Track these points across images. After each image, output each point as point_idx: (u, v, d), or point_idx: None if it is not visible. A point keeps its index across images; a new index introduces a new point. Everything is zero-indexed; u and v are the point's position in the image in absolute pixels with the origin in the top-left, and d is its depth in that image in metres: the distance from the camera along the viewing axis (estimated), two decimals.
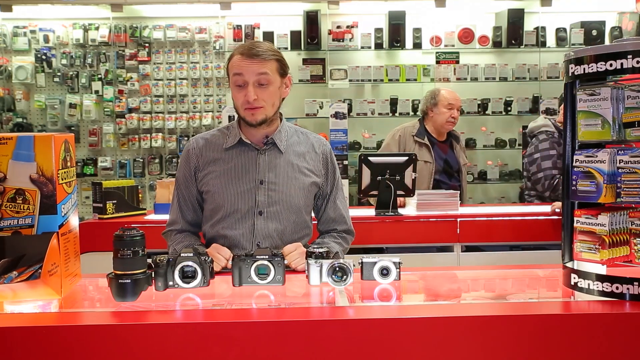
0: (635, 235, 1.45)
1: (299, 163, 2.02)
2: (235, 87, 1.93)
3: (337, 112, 4.36)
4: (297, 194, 1.99)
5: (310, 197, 2.05)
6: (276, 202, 1.97)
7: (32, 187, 1.47)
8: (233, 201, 1.96)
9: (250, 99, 1.89)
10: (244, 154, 2.00)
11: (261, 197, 1.96)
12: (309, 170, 2.04)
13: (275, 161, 1.99)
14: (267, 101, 1.92)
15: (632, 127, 1.41)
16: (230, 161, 1.99)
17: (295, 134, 2.08)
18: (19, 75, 5.43)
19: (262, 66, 1.89)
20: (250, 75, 1.89)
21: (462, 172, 3.87)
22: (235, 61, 1.91)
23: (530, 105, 5.43)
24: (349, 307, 1.44)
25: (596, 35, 5.39)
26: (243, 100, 1.91)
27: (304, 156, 2.04)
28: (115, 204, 3.23)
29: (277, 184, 1.98)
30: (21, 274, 1.45)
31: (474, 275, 1.94)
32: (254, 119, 1.93)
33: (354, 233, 2.18)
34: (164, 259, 1.55)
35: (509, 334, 1.31)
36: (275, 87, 1.94)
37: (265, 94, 1.92)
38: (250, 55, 1.89)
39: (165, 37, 5.44)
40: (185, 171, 2.04)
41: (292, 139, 2.05)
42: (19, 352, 1.26)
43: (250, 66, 1.89)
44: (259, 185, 1.97)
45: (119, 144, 5.52)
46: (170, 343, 1.27)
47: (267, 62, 1.90)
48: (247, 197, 1.96)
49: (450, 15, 5.39)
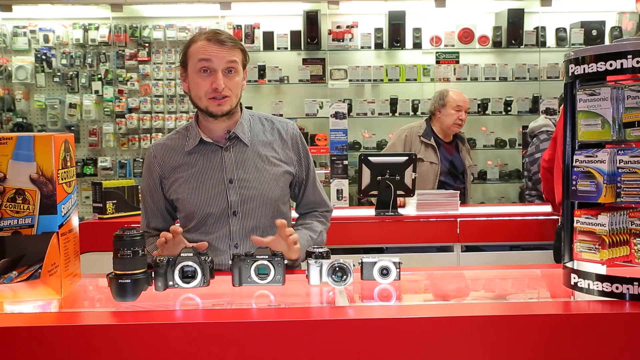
0: (635, 235, 1.45)
1: (267, 153, 1.92)
2: (198, 74, 1.80)
3: (337, 112, 4.37)
4: (271, 187, 1.90)
5: (285, 187, 1.95)
6: (249, 199, 1.88)
7: (32, 187, 1.47)
8: (204, 205, 1.87)
9: (220, 87, 1.77)
10: (207, 154, 1.89)
11: (233, 197, 1.87)
12: (279, 159, 1.93)
13: (241, 156, 1.89)
14: (232, 91, 1.82)
15: (632, 127, 1.41)
16: (194, 164, 1.89)
17: (259, 121, 1.97)
18: (19, 75, 5.44)
19: (232, 54, 1.80)
20: (219, 61, 1.78)
21: (467, 174, 3.87)
22: (201, 46, 1.79)
23: (530, 105, 5.43)
24: (349, 307, 1.44)
25: (596, 35, 5.39)
26: (209, 89, 1.79)
27: (271, 145, 1.93)
28: (115, 204, 3.23)
29: (247, 180, 1.88)
30: (21, 274, 1.45)
31: (474, 275, 1.94)
32: (219, 110, 1.82)
33: (332, 210, 2.12)
34: (164, 259, 1.55)
35: (509, 334, 1.30)
36: (240, 77, 1.84)
37: (232, 83, 1.81)
38: (219, 41, 1.78)
39: (165, 37, 5.45)
40: (149, 181, 1.94)
41: (256, 129, 1.94)
42: (19, 352, 1.26)
43: (220, 52, 1.78)
44: (228, 185, 1.87)
45: (119, 144, 5.52)
46: (170, 343, 1.27)
47: (234, 50, 1.81)
48: (218, 199, 1.87)
49: (450, 15, 5.39)
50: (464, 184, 3.84)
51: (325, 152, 5.01)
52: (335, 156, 4.68)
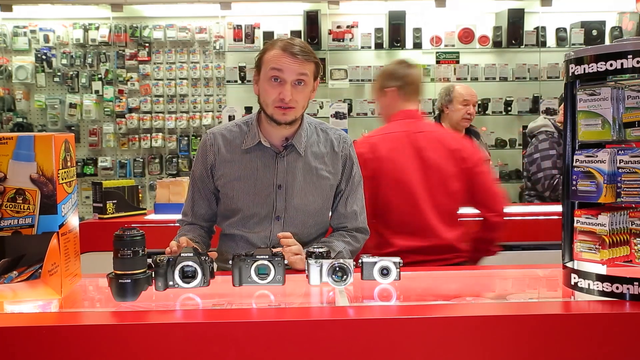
0: (636, 235, 1.45)
1: (318, 165, 1.97)
2: (268, 82, 1.85)
3: (337, 112, 4.36)
4: (316, 199, 1.96)
5: (329, 199, 2.01)
6: (294, 207, 1.94)
7: (32, 187, 1.47)
8: (251, 205, 1.93)
9: (287, 98, 1.83)
10: (262, 157, 1.94)
11: (279, 202, 1.93)
12: (328, 171, 1.99)
13: (293, 164, 1.94)
14: (299, 102, 1.87)
15: (632, 127, 1.41)
16: (248, 164, 1.94)
17: (315, 132, 2.01)
18: (19, 75, 5.44)
19: (303, 67, 1.84)
20: (290, 73, 1.83)
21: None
22: (275, 55, 1.84)
23: (530, 105, 5.43)
24: (349, 307, 1.44)
25: (596, 35, 5.39)
26: (276, 97, 1.84)
27: (323, 157, 1.99)
28: (115, 204, 3.23)
29: (295, 188, 1.94)
30: (21, 274, 1.45)
31: (474, 275, 1.94)
32: (284, 119, 1.87)
33: (367, 231, 2.09)
34: (164, 259, 1.55)
35: (509, 334, 1.30)
36: (309, 90, 1.90)
37: (300, 95, 1.86)
38: (293, 53, 1.83)
39: (165, 37, 5.45)
40: (202, 166, 1.99)
41: (312, 139, 1.99)
42: (19, 352, 1.26)
43: (293, 65, 1.83)
44: (277, 190, 1.93)
45: (119, 143, 5.52)
46: (170, 343, 1.27)
47: (307, 63, 1.86)
48: (265, 202, 1.93)
49: (451, 15, 5.39)
50: None
51: None
52: None
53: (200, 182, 2.01)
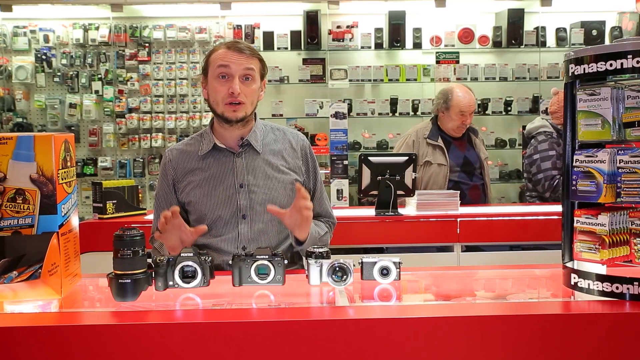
0: (635, 235, 1.45)
1: (277, 162, 2.00)
2: (216, 80, 1.89)
3: (337, 112, 4.37)
4: (279, 194, 1.97)
5: (292, 195, 1.98)
6: (258, 204, 1.94)
7: (32, 187, 1.47)
8: (215, 208, 1.94)
9: (236, 91, 1.86)
10: (220, 159, 1.97)
11: (243, 201, 1.94)
12: (288, 168, 2.01)
13: (252, 163, 1.97)
14: (248, 98, 1.90)
15: (632, 127, 1.41)
16: (207, 169, 1.97)
17: (271, 131, 2.05)
18: (19, 75, 5.43)
19: (249, 61, 1.89)
20: (237, 68, 1.88)
21: (484, 168, 3.63)
22: (221, 53, 1.90)
23: (530, 105, 5.43)
24: (349, 307, 1.44)
25: (596, 35, 5.39)
26: (225, 94, 1.88)
27: (281, 154, 2.02)
28: (115, 204, 3.23)
29: (257, 185, 1.96)
30: (21, 274, 1.45)
31: (474, 275, 1.94)
32: (234, 116, 1.90)
33: (336, 222, 2.17)
34: (164, 259, 1.55)
35: (509, 334, 1.31)
36: (256, 86, 1.94)
37: (248, 90, 1.90)
38: (237, 49, 1.89)
39: (165, 37, 5.44)
40: (164, 184, 2.02)
41: (268, 138, 2.03)
42: (19, 352, 1.26)
43: (238, 59, 1.88)
44: (239, 189, 1.95)
45: (119, 143, 5.52)
46: (170, 343, 1.28)
47: (253, 58, 1.91)
48: (228, 202, 1.94)
49: (450, 15, 5.39)
50: (483, 179, 3.62)
51: (325, 152, 5.01)
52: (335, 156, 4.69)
53: (163, 200, 2.02)
